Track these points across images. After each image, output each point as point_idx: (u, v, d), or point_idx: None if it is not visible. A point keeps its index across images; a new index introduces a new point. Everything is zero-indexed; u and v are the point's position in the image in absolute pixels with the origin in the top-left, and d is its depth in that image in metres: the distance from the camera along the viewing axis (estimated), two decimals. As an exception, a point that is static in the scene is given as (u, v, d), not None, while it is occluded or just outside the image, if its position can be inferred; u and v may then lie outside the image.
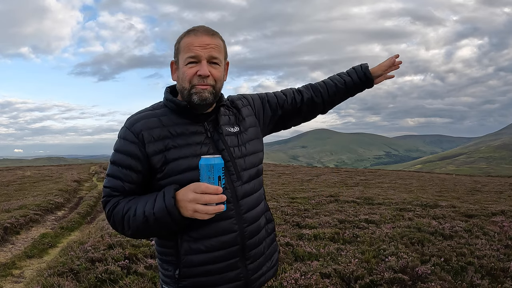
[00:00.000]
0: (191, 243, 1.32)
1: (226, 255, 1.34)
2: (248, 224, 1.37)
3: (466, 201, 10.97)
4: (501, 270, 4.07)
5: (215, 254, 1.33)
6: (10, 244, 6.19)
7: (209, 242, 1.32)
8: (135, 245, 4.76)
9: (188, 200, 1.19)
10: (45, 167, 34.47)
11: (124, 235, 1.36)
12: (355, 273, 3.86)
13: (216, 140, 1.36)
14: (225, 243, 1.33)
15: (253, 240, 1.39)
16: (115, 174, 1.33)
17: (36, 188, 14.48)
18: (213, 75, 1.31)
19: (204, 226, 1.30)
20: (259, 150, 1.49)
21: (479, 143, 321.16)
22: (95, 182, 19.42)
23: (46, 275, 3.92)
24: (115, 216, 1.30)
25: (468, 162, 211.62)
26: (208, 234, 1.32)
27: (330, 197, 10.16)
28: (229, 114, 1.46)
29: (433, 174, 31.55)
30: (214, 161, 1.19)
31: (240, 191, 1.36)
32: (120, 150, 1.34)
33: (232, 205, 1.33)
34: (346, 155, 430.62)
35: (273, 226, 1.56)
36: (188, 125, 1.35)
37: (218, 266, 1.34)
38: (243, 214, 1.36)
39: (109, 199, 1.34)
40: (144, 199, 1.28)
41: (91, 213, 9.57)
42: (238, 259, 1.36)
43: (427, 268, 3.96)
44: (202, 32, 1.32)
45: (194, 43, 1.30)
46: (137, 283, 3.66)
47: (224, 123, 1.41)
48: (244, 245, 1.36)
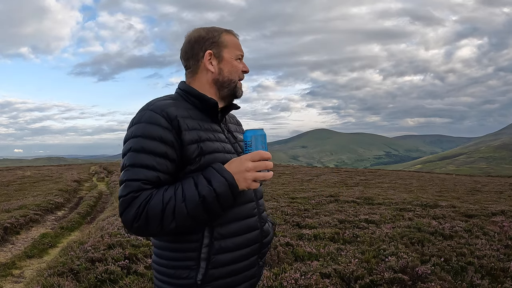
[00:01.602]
0: (221, 241, 1.27)
1: (250, 252, 1.36)
2: (264, 223, 1.44)
3: (466, 201, 10.96)
4: (501, 270, 4.07)
5: (242, 252, 1.32)
6: (10, 244, 6.19)
7: (238, 240, 1.30)
8: (135, 245, 4.76)
9: (247, 170, 1.19)
10: (45, 167, 34.48)
11: (159, 233, 1.18)
12: (355, 273, 3.86)
13: (233, 142, 1.43)
14: (250, 240, 1.35)
15: (268, 238, 1.45)
16: (147, 163, 1.18)
17: (36, 188, 14.48)
18: (245, 69, 1.45)
19: (233, 223, 1.29)
20: None
21: (479, 143, 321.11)
22: (95, 182, 19.43)
23: (46, 275, 3.92)
24: (151, 211, 1.13)
25: (468, 162, 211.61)
26: (237, 231, 1.30)
27: (330, 197, 10.17)
28: (233, 122, 1.55)
29: (433, 174, 31.55)
30: (261, 131, 1.27)
31: (258, 192, 1.45)
32: (151, 135, 1.19)
33: (254, 203, 1.40)
34: (346, 155, 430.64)
35: None
36: (210, 122, 1.37)
37: (242, 265, 1.33)
38: (261, 213, 1.43)
39: (138, 194, 1.16)
40: (188, 182, 1.18)
41: (91, 213, 9.57)
42: (257, 256, 1.40)
43: (427, 268, 3.96)
44: (237, 35, 1.46)
45: (239, 44, 1.44)
46: (137, 283, 3.66)
47: (234, 129, 1.50)
48: (262, 243, 1.41)
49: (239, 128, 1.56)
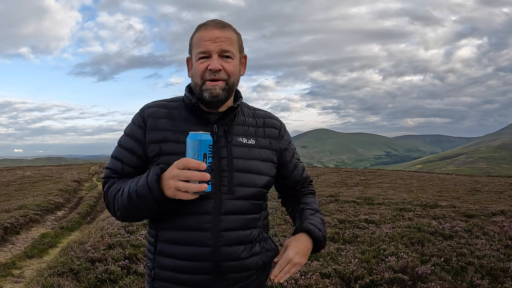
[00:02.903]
0: (164, 244, 1.27)
1: (197, 268, 1.24)
2: (226, 244, 1.24)
3: (466, 201, 10.97)
4: (501, 270, 4.07)
5: (184, 263, 1.24)
6: (10, 244, 6.19)
7: (180, 250, 1.25)
8: (135, 245, 4.76)
9: (170, 177, 1.11)
10: (45, 167, 34.48)
11: (115, 217, 1.32)
12: (355, 273, 3.86)
13: (221, 146, 1.28)
14: (196, 255, 1.23)
15: (233, 263, 1.26)
16: (117, 155, 1.34)
17: (36, 188, 14.48)
18: (225, 69, 1.26)
19: (178, 231, 1.24)
20: (267, 173, 1.35)
21: (479, 143, 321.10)
22: (95, 182, 19.42)
23: (46, 275, 3.92)
24: (109, 196, 1.29)
25: (468, 162, 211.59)
26: (180, 240, 1.24)
27: (330, 197, 10.17)
28: (250, 124, 1.37)
29: (433, 174, 31.54)
30: (201, 137, 1.11)
31: (227, 206, 1.25)
32: (126, 132, 1.34)
33: (211, 217, 1.23)
34: (346, 155, 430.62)
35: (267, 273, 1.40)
36: (196, 125, 1.28)
37: (187, 277, 1.25)
38: (221, 231, 1.24)
39: (107, 180, 1.34)
40: (135, 178, 1.24)
41: (91, 213, 9.57)
42: (211, 277, 1.25)
43: (427, 268, 3.96)
44: (212, 25, 1.28)
45: (204, 38, 1.26)
46: (137, 283, 3.66)
47: (238, 133, 1.33)
48: (219, 264, 1.24)
49: (260, 131, 1.38)
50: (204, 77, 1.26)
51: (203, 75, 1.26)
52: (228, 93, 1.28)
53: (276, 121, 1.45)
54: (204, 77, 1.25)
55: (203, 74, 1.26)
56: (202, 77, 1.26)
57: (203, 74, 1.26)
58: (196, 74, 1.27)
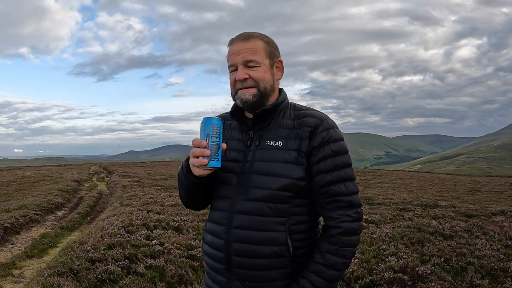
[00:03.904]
0: (205, 233, 1.51)
1: (216, 257, 1.41)
2: (237, 241, 1.34)
3: (466, 201, 10.97)
4: (501, 270, 4.07)
5: (210, 250, 1.44)
6: (10, 244, 6.19)
7: (209, 238, 1.46)
8: (135, 245, 4.76)
9: (190, 155, 1.33)
10: (45, 167, 34.49)
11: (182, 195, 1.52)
12: (355, 273, 3.86)
13: (251, 150, 1.40)
14: (215, 245, 1.41)
15: (245, 260, 1.34)
16: None
17: (36, 188, 14.47)
18: (252, 76, 1.37)
19: (210, 223, 1.47)
20: (287, 176, 1.32)
21: (479, 143, 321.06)
22: (95, 182, 19.43)
23: (46, 275, 3.92)
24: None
25: (468, 162, 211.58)
26: (210, 230, 1.46)
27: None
28: (285, 126, 1.39)
29: (433, 174, 31.54)
30: (205, 119, 1.31)
31: (240, 206, 1.35)
32: None
33: (227, 214, 1.38)
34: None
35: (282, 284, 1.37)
36: (239, 131, 1.46)
37: (212, 263, 1.44)
38: (234, 228, 1.36)
39: None
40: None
41: (91, 213, 9.57)
42: (225, 267, 1.39)
43: (427, 268, 3.96)
44: (237, 39, 1.40)
45: (230, 52, 1.40)
46: (137, 283, 3.66)
47: (269, 136, 1.38)
48: (230, 258, 1.36)
49: (293, 132, 1.37)
50: (236, 87, 1.40)
51: (234, 85, 1.41)
52: (262, 97, 1.39)
53: (314, 119, 1.37)
54: (236, 87, 1.40)
55: (234, 85, 1.41)
56: (235, 87, 1.41)
57: (235, 85, 1.41)
58: (231, 86, 1.43)
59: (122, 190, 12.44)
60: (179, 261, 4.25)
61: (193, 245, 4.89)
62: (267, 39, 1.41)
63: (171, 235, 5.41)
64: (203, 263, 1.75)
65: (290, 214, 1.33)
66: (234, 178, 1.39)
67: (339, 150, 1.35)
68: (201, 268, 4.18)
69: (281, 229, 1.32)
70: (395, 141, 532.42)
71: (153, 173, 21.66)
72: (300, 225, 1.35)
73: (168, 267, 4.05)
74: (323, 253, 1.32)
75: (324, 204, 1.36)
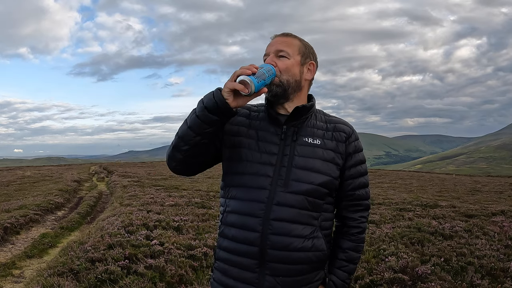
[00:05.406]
0: (226, 227, 1.40)
1: (246, 252, 1.34)
2: (273, 233, 1.32)
3: (466, 201, 10.97)
4: (501, 270, 4.07)
5: (237, 245, 1.36)
6: (10, 244, 6.18)
7: (235, 232, 1.37)
8: (135, 245, 4.76)
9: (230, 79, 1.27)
10: (45, 167, 34.50)
11: (169, 160, 1.40)
12: (355, 273, 3.86)
13: (287, 145, 1.38)
14: (246, 239, 1.34)
15: (279, 253, 1.33)
16: None
17: (36, 188, 14.47)
18: (278, 65, 1.38)
19: (237, 215, 1.37)
20: (326, 173, 1.39)
21: (479, 143, 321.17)
22: (95, 182, 19.43)
23: (46, 275, 3.92)
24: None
25: (468, 162, 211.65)
26: (235, 223, 1.37)
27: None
28: (319, 127, 1.44)
29: (433, 174, 31.55)
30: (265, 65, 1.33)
31: (279, 197, 1.33)
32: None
33: (265, 205, 1.33)
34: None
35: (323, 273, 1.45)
36: (270, 124, 1.42)
37: (239, 260, 1.36)
38: (271, 220, 1.32)
39: None
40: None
41: (91, 213, 9.57)
42: (257, 262, 1.34)
43: (427, 268, 3.96)
44: (278, 35, 1.46)
45: (269, 44, 1.45)
46: (137, 283, 3.66)
47: (305, 133, 1.41)
48: (265, 251, 1.33)
49: (328, 134, 1.43)
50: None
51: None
52: (284, 89, 1.39)
53: (347, 127, 1.48)
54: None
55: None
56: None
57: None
58: None
59: (122, 190, 12.44)
60: (179, 261, 4.25)
61: (193, 245, 4.88)
62: (305, 42, 1.47)
63: (171, 235, 5.41)
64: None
65: (322, 210, 1.40)
66: (270, 170, 1.35)
67: (363, 159, 1.50)
68: (201, 268, 4.18)
69: (315, 223, 1.38)
70: (395, 141, 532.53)
71: (153, 173, 21.66)
72: (327, 222, 1.44)
73: (168, 267, 4.05)
74: (345, 250, 1.49)
75: (347, 206, 1.49)
